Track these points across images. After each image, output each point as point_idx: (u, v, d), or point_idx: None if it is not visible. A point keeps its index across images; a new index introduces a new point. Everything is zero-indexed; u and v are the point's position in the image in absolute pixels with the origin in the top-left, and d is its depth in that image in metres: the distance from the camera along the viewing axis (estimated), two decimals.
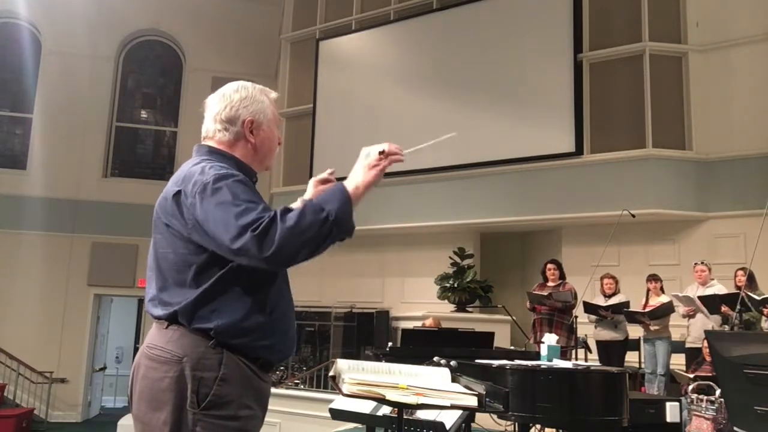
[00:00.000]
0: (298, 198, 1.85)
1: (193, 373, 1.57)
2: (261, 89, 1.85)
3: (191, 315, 1.61)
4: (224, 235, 1.52)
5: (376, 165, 1.68)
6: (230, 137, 1.79)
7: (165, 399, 1.58)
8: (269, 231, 1.49)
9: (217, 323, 1.60)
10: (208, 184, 1.58)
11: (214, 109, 1.81)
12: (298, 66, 11.36)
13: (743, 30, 8.09)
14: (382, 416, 3.14)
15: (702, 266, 6.63)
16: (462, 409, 2.22)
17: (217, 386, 1.58)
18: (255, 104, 1.81)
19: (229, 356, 1.60)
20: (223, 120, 1.79)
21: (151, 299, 1.71)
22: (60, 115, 11.85)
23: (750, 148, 7.82)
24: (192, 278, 1.62)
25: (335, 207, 1.55)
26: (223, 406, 1.58)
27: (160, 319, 1.66)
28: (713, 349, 2.41)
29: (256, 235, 1.48)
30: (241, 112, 1.78)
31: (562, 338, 6.27)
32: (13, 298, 11.19)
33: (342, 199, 1.58)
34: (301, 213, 1.52)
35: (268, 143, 1.84)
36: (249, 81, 1.87)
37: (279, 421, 7.15)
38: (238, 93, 1.81)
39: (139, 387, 1.65)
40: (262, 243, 1.49)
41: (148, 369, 1.63)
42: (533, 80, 8.91)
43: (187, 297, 1.62)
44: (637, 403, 3.91)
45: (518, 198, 8.78)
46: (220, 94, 1.83)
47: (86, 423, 11.48)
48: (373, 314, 9.43)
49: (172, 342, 1.61)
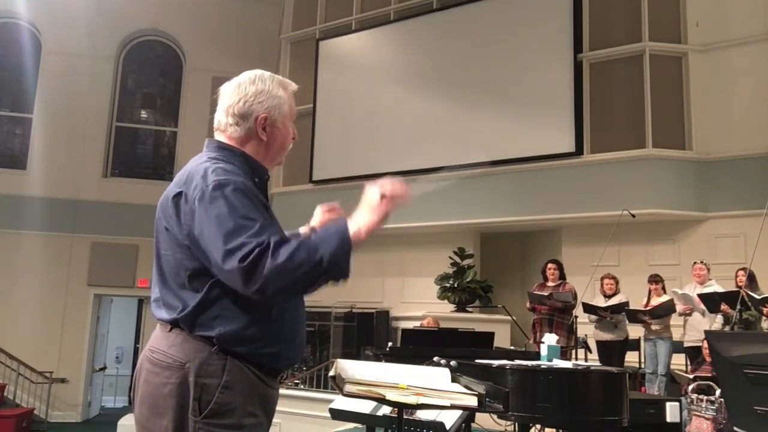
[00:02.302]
0: (303, 224, 1.76)
1: (195, 379, 1.53)
2: (279, 81, 1.76)
3: (192, 322, 1.57)
4: (213, 255, 1.48)
5: (381, 207, 1.57)
6: (242, 133, 1.70)
7: (167, 405, 1.55)
8: (258, 265, 1.42)
9: (219, 331, 1.55)
10: (207, 191, 1.53)
11: (227, 101, 1.72)
12: (298, 66, 11.36)
13: (743, 30, 8.09)
14: (382, 416, 3.14)
15: (700, 265, 6.63)
16: (462, 409, 2.22)
17: (220, 393, 1.53)
18: (271, 99, 1.71)
19: (233, 362, 1.56)
20: (236, 114, 1.70)
21: (155, 300, 1.68)
22: (60, 115, 11.84)
23: (750, 148, 7.82)
24: (189, 282, 1.58)
25: (331, 250, 1.46)
26: (226, 414, 1.53)
27: (163, 321, 1.63)
28: (713, 349, 2.41)
29: (243, 267, 1.42)
30: (255, 107, 1.69)
31: (562, 338, 6.27)
32: (13, 298, 11.18)
33: (341, 242, 1.49)
34: (296, 250, 1.44)
35: (281, 140, 1.75)
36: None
37: (279, 421, 7.15)
38: (254, 85, 1.71)
39: (141, 391, 1.61)
40: (248, 277, 1.43)
41: (149, 374, 1.60)
42: (533, 80, 8.91)
43: (188, 301, 1.58)
44: (637, 403, 3.91)
45: (518, 198, 8.78)
46: (236, 84, 1.73)
47: (86, 423, 11.48)
48: (373, 314, 9.43)
49: (175, 347, 1.58)
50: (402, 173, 8.45)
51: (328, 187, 10.16)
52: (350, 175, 9.87)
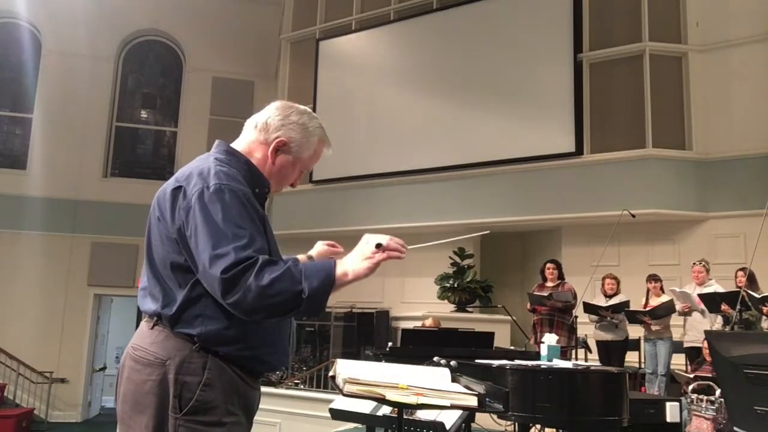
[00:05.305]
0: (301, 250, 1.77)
1: (176, 376, 1.54)
2: (322, 134, 1.79)
3: (175, 319, 1.57)
4: (201, 255, 1.49)
5: (371, 258, 1.57)
6: (257, 140, 1.73)
7: (147, 402, 1.55)
8: (239, 280, 1.44)
9: (200, 330, 1.56)
10: (207, 192, 1.54)
11: (272, 111, 1.76)
12: (298, 66, 11.36)
13: (743, 30, 8.10)
14: (382, 416, 3.14)
15: (699, 266, 6.62)
16: (462, 409, 2.22)
17: (201, 391, 1.54)
18: (302, 135, 1.74)
19: (214, 361, 1.56)
20: (266, 123, 1.73)
21: (142, 288, 1.69)
22: (60, 115, 11.85)
23: (750, 148, 7.82)
24: (174, 275, 1.59)
25: (314, 286, 1.47)
26: (207, 411, 1.54)
27: (147, 314, 1.64)
28: (713, 349, 2.41)
29: (226, 278, 1.44)
30: (283, 130, 1.73)
31: (563, 338, 6.28)
32: (13, 298, 11.18)
33: (324, 280, 1.50)
34: (280, 276, 1.45)
35: (284, 171, 1.77)
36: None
37: (279, 421, 7.15)
38: (299, 116, 1.76)
39: (123, 389, 1.62)
40: (227, 288, 1.44)
41: (132, 371, 1.60)
42: (533, 80, 8.92)
43: (171, 295, 1.59)
44: (637, 403, 3.91)
45: (518, 198, 8.78)
46: (288, 106, 1.78)
47: (86, 423, 11.49)
48: (373, 314, 9.43)
49: (157, 344, 1.58)
50: (402, 173, 8.50)
51: (328, 187, 10.16)
52: (350, 175, 9.88)
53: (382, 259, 1.58)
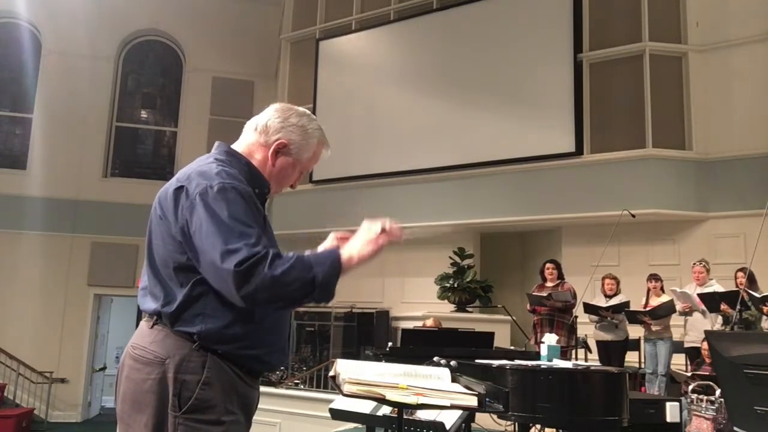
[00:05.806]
0: (315, 246, 1.78)
1: (175, 375, 1.54)
2: (321, 135, 1.81)
3: (175, 317, 1.58)
4: (209, 253, 1.49)
5: (375, 241, 1.65)
6: (257, 142, 1.75)
7: (147, 401, 1.56)
8: (253, 272, 1.45)
9: (200, 328, 1.56)
10: (211, 190, 1.55)
11: (271, 113, 1.78)
12: (298, 66, 11.36)
13: (743, 30, 8.09)
14: (382, 416, 3.14)
15: (699, 267, 6.62)
16: (462, 409, 2.22)
17: (200, 390, 1.54)
18: (302, 137, 1.76)
19: (213, 359, 1.57)
20: (266, 125, 1.75)
21: (142, 288, 1.69)
22: (60, 115, 11.85)
23: (750, 148, 7.82)
24: (175, 275, 1.59)
25: (324, 271, 1.52)
26: (206, 410, 1.54)
27: (147, 313, 1.64)
28: (713, 349, 2.41)
29: (240, 271, 1.45)
30: (283, 132, 1.74)
31: (563, 338, 6.28)
32: (13, 298, 11.19)
33: (333, 265, 1.55)
34: (291, 266, 1.49)
35: (284, 173, 1.78)
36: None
37: (279, 421, 7.15)
38: (299, 119, 1.77)
39: (122, 388, 1.62)
40: (242, 281, 1.45)
41: (131, 370, 1.61)
42: (533, 80, 8.92)
43: (172, 294, 1.59)
44: (637, 403, 3.91)
45: (518, 198, 8.78)
46: (288, 107, 1.80)
47: (86, 423, 11.48)
48: (373, 314, 9.43)
49: (156, 343, 1.59)
50: (402, 173, 8.50)
51: (328, 187, 10.16)
52: (350, 175, 9.88)
53: (385, 242, 1.65)
